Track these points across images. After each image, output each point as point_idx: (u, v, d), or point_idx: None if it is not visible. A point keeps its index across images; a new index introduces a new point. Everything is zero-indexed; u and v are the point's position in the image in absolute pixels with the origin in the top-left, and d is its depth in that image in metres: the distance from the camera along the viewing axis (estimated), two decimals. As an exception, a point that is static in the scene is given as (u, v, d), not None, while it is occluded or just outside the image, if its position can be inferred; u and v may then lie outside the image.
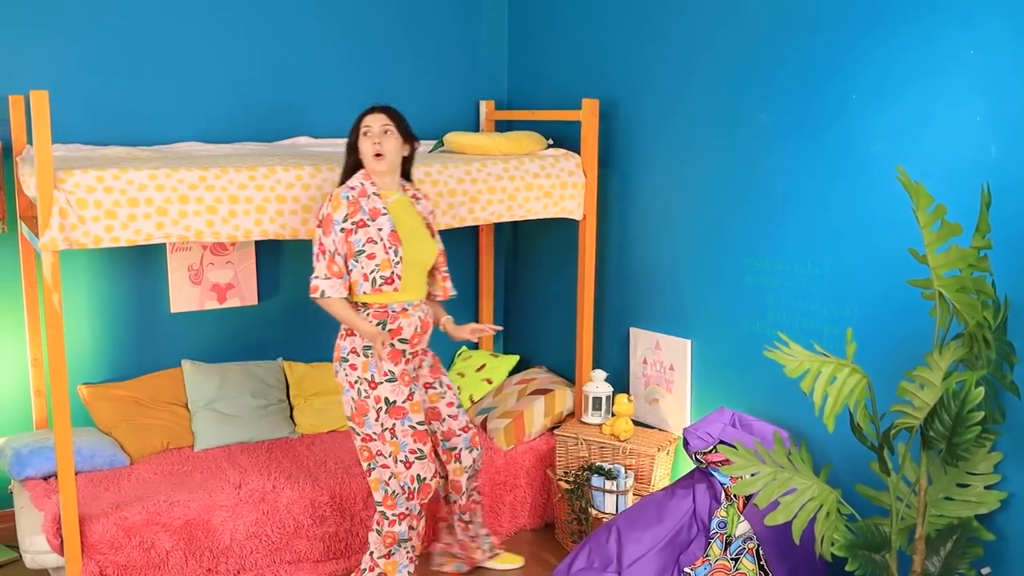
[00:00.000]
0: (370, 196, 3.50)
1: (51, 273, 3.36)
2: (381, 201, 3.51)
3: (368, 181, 3.53)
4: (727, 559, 3.43)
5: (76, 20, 4.25)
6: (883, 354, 3.24)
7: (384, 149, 3.49)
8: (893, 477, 2.81)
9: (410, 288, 3.55)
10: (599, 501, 4.01)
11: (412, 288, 3.56)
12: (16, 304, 4.27)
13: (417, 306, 3.58)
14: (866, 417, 2.71)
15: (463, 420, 3.80)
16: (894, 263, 3.18)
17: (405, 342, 3.54)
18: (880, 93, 3.23)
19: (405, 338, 3.54)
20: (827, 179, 3.45)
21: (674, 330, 4.19)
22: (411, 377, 3.57)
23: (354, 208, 3.46)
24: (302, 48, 4.70)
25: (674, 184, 4.14)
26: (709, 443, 3.56)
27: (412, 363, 3.63)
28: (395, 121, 3.54)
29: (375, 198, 3.50)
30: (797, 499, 2.81)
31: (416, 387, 3.59)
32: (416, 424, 3.52)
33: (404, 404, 3.50)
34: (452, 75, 5.08)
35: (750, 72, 3.72)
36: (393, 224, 3.51)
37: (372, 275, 3.47)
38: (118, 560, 3.58)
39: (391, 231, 3.49)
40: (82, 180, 3.37)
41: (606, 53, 4.49)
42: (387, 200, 3.55)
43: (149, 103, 4.41)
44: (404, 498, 3.53)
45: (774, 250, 3.68)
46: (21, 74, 4.16)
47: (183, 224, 3.53)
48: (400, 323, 3.52)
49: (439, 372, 3.78)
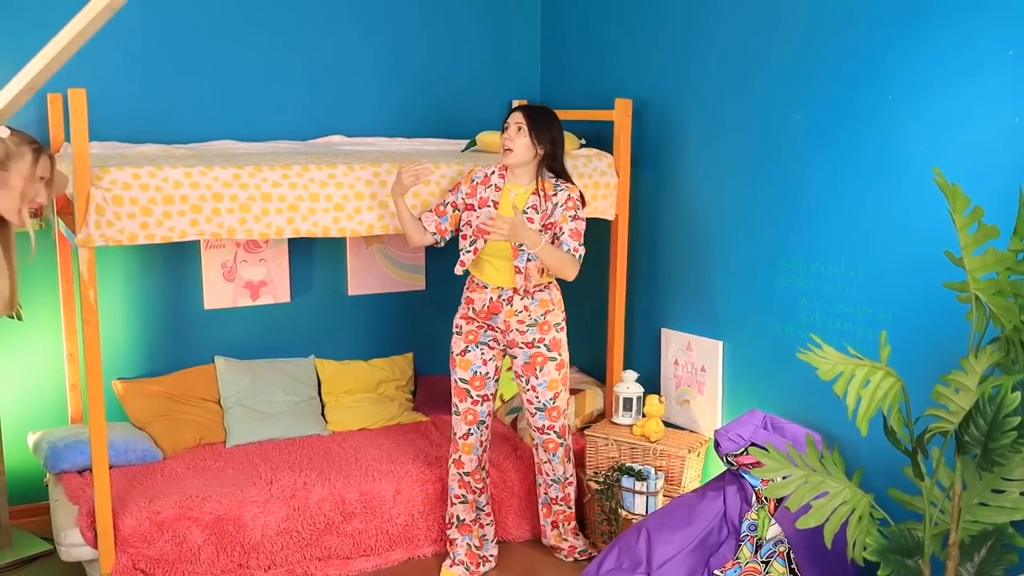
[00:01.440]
0: (490, 187, 3.81)
1: (87, 269, 3.40)
2: (497, 194, 3.79)
3: (499, 173, 3.83)
4: (757, 562, 3.41)
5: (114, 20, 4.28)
6: (918, 357, 3.20)
7: (513, 146, 3.72)
8: (927, 482, 2.78)
9: (490, 273, 3.81)
10: (629, 502, 4.00)
11: (491, 273, 3.81)
12: (53, 300, 4.32)
13: (496, 289, 3.80)
14: (900, 421, 2.69)
15: (541, 422, 3.95)
16: (929, 266, 3.14)
17: (475, 312, 3.87)
18: (917, 94, 3.20)
19: (475, 308, 3.86)
20: (862, 180, 3.42)
21: (706, 331, 4.17)
22: (475, 339, 3.89)
23: (472, 190, 3.83)
24: (336, 47, 4.73)
25: (706, 184, 4.12)
26: (740, 445, 3.54)
27: (491, 336, 3.89)
28: (530, 122, 3.74)
29: (493, 190, 3.80)
30: (829, 503, 2.79)
31: (476, 350, 3.90)
32: (459, 380, 3.92)
33: (456, 356, 3.91)
34: (485, 74, 5.09)
35: (784, 72, 3.69)
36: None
37: (464, 252, 3.83)
38: (150, 554, 3.61)
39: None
40: (118, 177, 3.40)
41: (638, 52, 4.47)
42: (508, 195, 3.80)
43: (185, 102, 4.45)
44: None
45: (807, 251, 3.66)
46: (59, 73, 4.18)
47: (217, 221, 3.56)
48: (474, 295, 3.86)
49: (530, 371, 3.89)
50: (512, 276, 3.78)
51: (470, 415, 3.91)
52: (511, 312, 3.81)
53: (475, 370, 3.90)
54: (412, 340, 5.14)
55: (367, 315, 5.00)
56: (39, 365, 4.35)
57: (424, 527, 4.09)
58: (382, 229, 3.89)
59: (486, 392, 3.92)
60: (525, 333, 3.84)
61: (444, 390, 4.86)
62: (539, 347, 3.86)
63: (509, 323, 3.83)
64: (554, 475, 4.02)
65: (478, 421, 3.92)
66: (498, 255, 3.78)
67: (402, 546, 4.06)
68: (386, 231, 3.90)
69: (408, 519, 4.06)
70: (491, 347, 3.91)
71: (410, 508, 4.06)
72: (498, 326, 3.85)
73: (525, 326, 3.83)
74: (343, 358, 4.87)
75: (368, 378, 4.84)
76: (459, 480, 3.95)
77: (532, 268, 3.76)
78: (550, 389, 3.90)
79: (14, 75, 2.69)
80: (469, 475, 3.94)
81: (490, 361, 3.92)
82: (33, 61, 2.66)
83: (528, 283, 3.78)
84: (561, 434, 3.97)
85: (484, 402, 3.93)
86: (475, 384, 3.90)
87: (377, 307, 5.03)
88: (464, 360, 3.90)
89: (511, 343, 3.88)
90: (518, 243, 3.68)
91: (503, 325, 3.84)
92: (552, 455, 3.98)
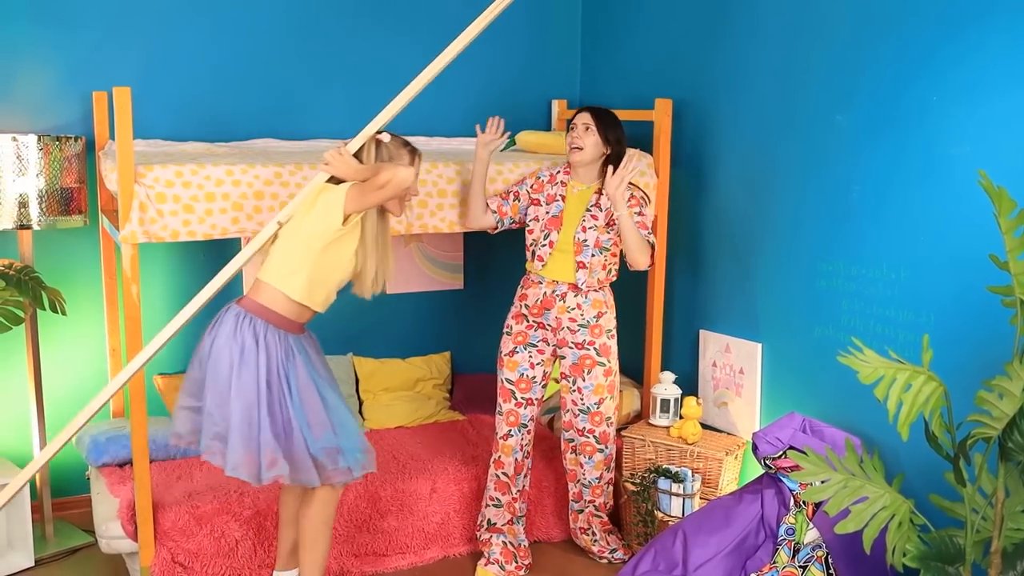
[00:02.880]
0: (557, 184, 3.89)
1: (130, 265, 3.44)
2: (563, 190, 3.87)
3: (564, 171, 3.92)
4: (795, 566, 3.39)
5: (158, 20, 4.35)
6: (960, 362, 3.16)
7: (583, 143, 3.77)
8: (969, 488, 2.74)
9: (554, 268, 3.85)
10: (665, 504, 3.98)
11: (555, 269, 3.84)
12: (96, 295, 4.38)
13: (552, 283, 3.84)
14: (942, 426, 2.65)
15: (582, 424, 3.94)
16: (973, 269, 3.10)
17: (528, 308, 3.88)
18: (965, 96, 3.16)
19: (528, 304, 3.87)
20: (907, 182, 3.38)
21: (745, 333, 4.14)
22: (524, 340, 3.90)
23: (538, 187, 3.90)
24: (377, 46, 4.75)
25: (746, 185, 4.10)
26: (779, 448, 3.51)
27: (541, 335, 3.90)
28: (598, 121, 3.80)
29: (560, 187, 3.88)
30: (868, 508, 2.76)
31: (525, 351, 3.91)
32: (504, 380, 3.93)
33: (504, 357, 3.93)
34: (525, 74, 5.09)
35: (828, 73, 3.66)
36: (560, 211, 3.85)
37: (530, 247, 3.90)
38: (189, 547, 3.65)
39: (554, 217, 3.85)
40: (161, 175, 3.44)
41: (679, 52, 4.45)
42: (572, 192, 3.87)
43: (227, 100, 4.50)
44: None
45: (849, 254, 3.62)
46: (105, 71, 4.26)
47: (258, 219, 3.58)
48: (528, 291, 3.89)
49: (578, 372, 3.89)
50: (571, 271, 3.81)
51: (512, 416, 3.91)
52: (563, 308, 3.82)
53: (522, 372, 3.90)
54: (450, 339, 5.15)
55: (405, 313, 5.02)
56: (82, 360, 4.41)
57: (459, 526, 4.10)
58: (420, 228, 3.90)
59: (531, 396, 3.92)
60: (576, 333, 3.85)
61: (482, 389, 4.87)
62: (589, 350, 3.87)
63: (561, 320, 3.84)
64: (585, 479, 4.01)
65: (519, 424, 3.92)
66: (561, 249, 3.82)
67: (437, 544, 4.07)
68: (424, 230, 3.91)
69: (443, 517, 4.07)
70: (540, 350, 3.90)
71: (445, 507, 4.07)
72: (549, 323, 3.85)
73: (577, 325, 3.84)
74: (381, 356, 4.90)
75: (406, 376, 4.85)
76: (496, 481, 3.95)
77: (596, 263, 3.79)
78: (596, 394, 3.90)
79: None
80: (508, 477, 3.94)
81: (538, 365, 3.91)
82: (390, 106, 3.25)
83: (590, 279, 3.80)
84: (602, 440, 3.96)
85: (528, 405, 3.92)
86: (520, 386, 3.90)
87: (415, 305, 5.04)
88: (512, 361, 3.91)
89: (561, 342, 3.88)
90: (621, 197, 3.64)
91: (554, 322, 3.84)
92: (588, 459, 3.97)
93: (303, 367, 3.19)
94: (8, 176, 3.77)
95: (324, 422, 3.19)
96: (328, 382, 3.30)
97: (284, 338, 3.18)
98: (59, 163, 3.86)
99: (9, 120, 4.12)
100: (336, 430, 3.21)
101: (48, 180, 3.84)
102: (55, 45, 4.16)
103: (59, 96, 4.20)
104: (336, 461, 3.20)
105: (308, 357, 3.25)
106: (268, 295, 3.19)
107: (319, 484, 3.22)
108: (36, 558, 3.97)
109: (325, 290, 3.25)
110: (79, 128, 4.22)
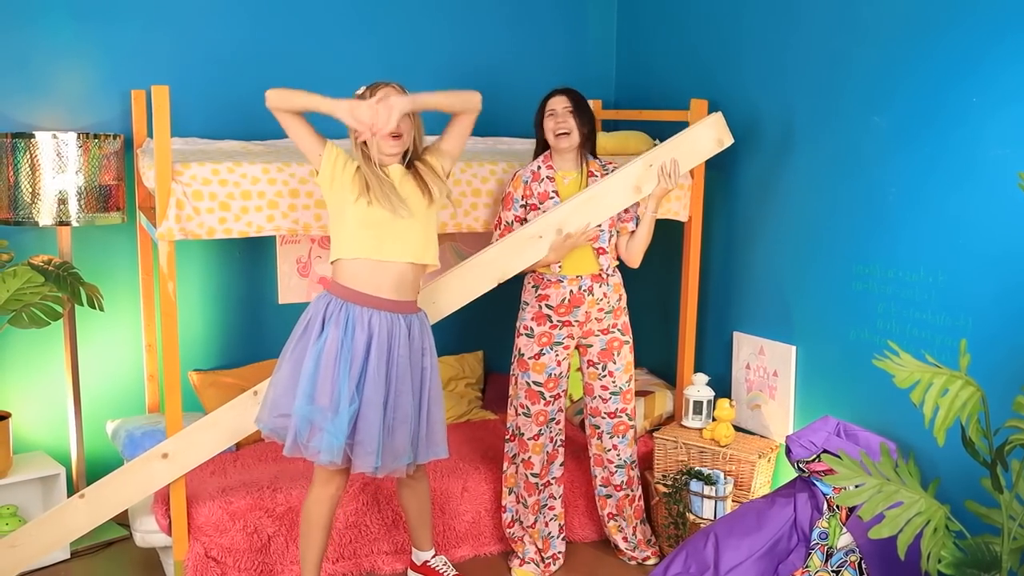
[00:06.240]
0: (543, 180, 3.79)
1: (167, 262, 3.47)
2: (553, 184, 3.78)
3: (545, 165, 3.81)
4: (828, 571, 3.36)
5: (196, 19, 4.39)
6: (998, 367, 3.12)
7: (569, 127, 3.72)
8: (1006, 495, 2.71)
9: (573, 264, 3.80)
10: (697, 506, 3.96)
11: (575, 264, 3.80)
12: (133, 291, 4.42)
13: (574, 279, 3.79)
14: (979, 432, 2.62)
15: (615, 405, 3.94)
16: (1012, 273, 3.07)
17: (551, 308, 3.80)
18: (1008, 98, 3.12)
19: (551, 304, 3.79)
20: (945, 184, 3.34)
21: (779, 335, 4.12)
22: (549, 341, 3.83)
23: (528, 191, 3.79)
24: (413, 46, 4.76)
25: (781, 186, 4.07)
26: (812, 452, 3.49)
27: (566, 333, 3.85)
28: (574, 102, 3.75)
29: (547, 182, 3.78)
30: (903, 513, 2.73)
31: (551, 352, 3.85)
32: (532, 383, 3.86)
33: (529, 360, 3.84)
34: (560, 75, 5.08)
35: (866, 74, 3.63)
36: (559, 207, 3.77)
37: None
38: (222, 543, 3.68)
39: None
40: (198, 173, 3.47)
41: (714, 53, 4.43)
42: (563, 182, 3.80)
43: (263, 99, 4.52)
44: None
45: (885, 257, 3.59)
46: (143, 70, 4.30)
47: (292, 217, 3.61)
48: (549, 292, 3.81)
49: (608, 357, 3.90)
50: (591, 261, 3.81)
51: (541, 416, 3.90)
52: (593, 302, 3.82)
53: (550, 372, 3.88)
54: (482, 338, 5.16)
55: (438, 312, 5.03)
56: (119, 355, 4.46)
57: (490, 525, 4.11)
58: (455, 227, 3.91)
59: (558, 391, 3.92)
60: (602, 321, 3.85)
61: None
62: (614, 332, 3.89)
63: (590, 313, 3.83)
64: (619, 460, 3.99)
65: (548, 420, 3.92)
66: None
67: (468, 543, 4.08)
68: (458, 229, 3.92)
69: (475, 516, 4.07)
70: (566, 346, 3.88)
71: (477, 505, 4.08)
72: (578, 319, 3.83)
73: (604, 314, 3.85)
74: (413, 354, 4.90)
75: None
76: (525, 482, 3.95)
77: (612, 244, 3.85)
78: (626, 372, 3.93)
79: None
80: (537, 476, 3.94)
81: (563, 361, 3.90)
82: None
83: (612, 263, 3.83)
84: (632, 416, 3.99)
85: (556, 400, 3.93)
86: (548, 386, 3.89)
87: (448, 305, 5.05)
88: (538, 364, 3.86)
89: (587, 333, 3.88)
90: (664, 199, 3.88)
91: (583, 317, 3.83)
92: (622, 438, 3.97)
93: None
94: (48, 173, 3.82)
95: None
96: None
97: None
98: (98, 160, 3.90)
99: (49, 118, 4.17)
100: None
101: (87, 177, 3.88)
102: (95, 44, 4.21)
103: (98, 94, 4.24)
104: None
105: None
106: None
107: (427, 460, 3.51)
108: (72, 550, 4.02)
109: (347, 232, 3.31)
110: (118, 126, 4.27)
